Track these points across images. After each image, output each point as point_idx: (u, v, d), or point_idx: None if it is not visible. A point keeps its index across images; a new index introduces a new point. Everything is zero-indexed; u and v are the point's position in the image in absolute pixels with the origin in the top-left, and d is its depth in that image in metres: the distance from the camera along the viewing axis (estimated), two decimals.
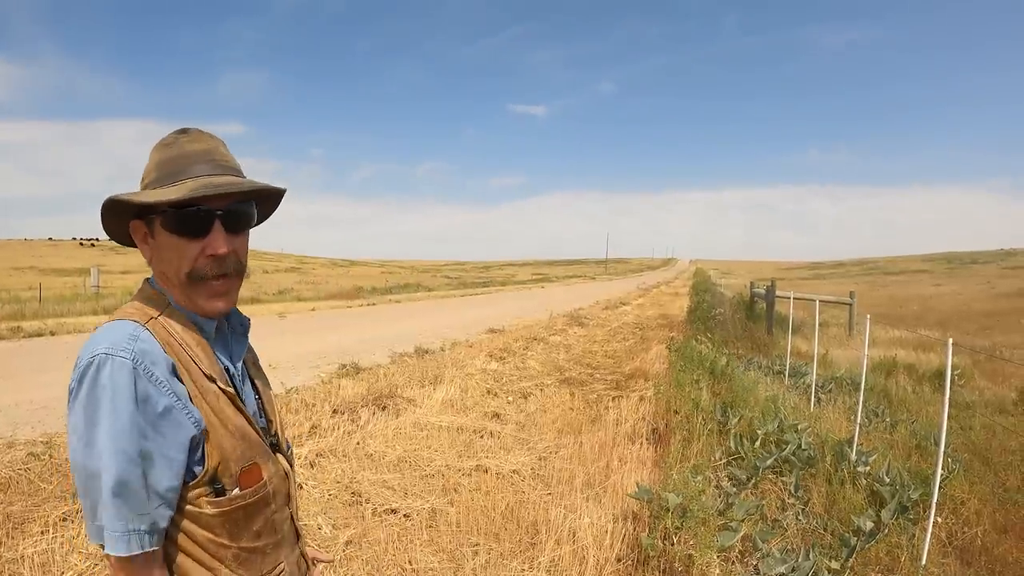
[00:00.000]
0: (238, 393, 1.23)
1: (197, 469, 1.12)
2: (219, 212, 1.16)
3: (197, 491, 1.12)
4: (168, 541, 1.13)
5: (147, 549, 1.07)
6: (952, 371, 4.31)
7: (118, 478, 1.03)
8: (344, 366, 9.72)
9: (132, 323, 1.10)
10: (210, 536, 1.14)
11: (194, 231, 1.15)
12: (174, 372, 1.10)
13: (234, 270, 1.21)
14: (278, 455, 1.31)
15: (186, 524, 1.13)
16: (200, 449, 1.12)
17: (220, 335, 1.26)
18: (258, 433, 1.23)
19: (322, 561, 1.60)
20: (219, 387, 1.17)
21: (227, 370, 1.24)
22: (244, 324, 1.34)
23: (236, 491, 1.16)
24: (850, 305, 19.71)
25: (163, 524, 1.10)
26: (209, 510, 1.13)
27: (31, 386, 7.79)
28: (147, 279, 1.25)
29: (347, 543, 3.93)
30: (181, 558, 1.14)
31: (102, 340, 1.07)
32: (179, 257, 1.16)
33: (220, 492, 1.14)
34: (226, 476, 1.15)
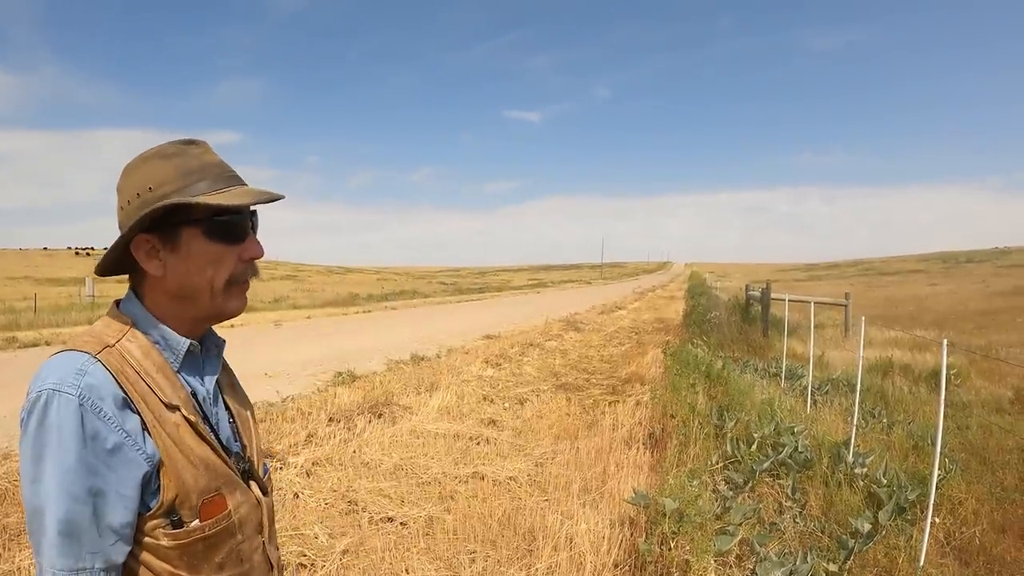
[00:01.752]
0: (207, 419, 1.19)
1: (152, 502, 1.07)
2: (252, 219, 1.20)
3: (153, 523, 1.08)
4: (127, 572, 1.09)
5: None
6: (948, 371, 4.31)
7: (65, 517, 1.00)
8: (340, 374, 9.70)
9: (82, 355, 1.06)
10: (168, 568, 1.10)
11: (237, 237, 1.16)
12: (126, 405, 1.05)
13: None
14: (251, 482, 1.26)
15: (144, 555, 1.09)
16: (155, 482, 1.08)
17: (191, 357, 1.20)
18: (225, 462, 1.18)
19: None
20: (182, 415, 1.12)
21: (195, 394, 1.19)
22: (219, 345, 1.29)
23: (195, 523, 1.11)
24: (845, 306, 19.75)
25: (119, 560, 1.06)
26: (166, 542, 1.09)
27: None
28: (116, 301, 1.21)
29: (344, 552, 3.92)
30: None
31: (50, 374, 1.04)
32: (215, 264, 1.14)
33: (178, 524, 1.09)
34: (185, 508, 1.10)
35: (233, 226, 1.15)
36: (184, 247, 1.13)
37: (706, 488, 4.74)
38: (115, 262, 1.17)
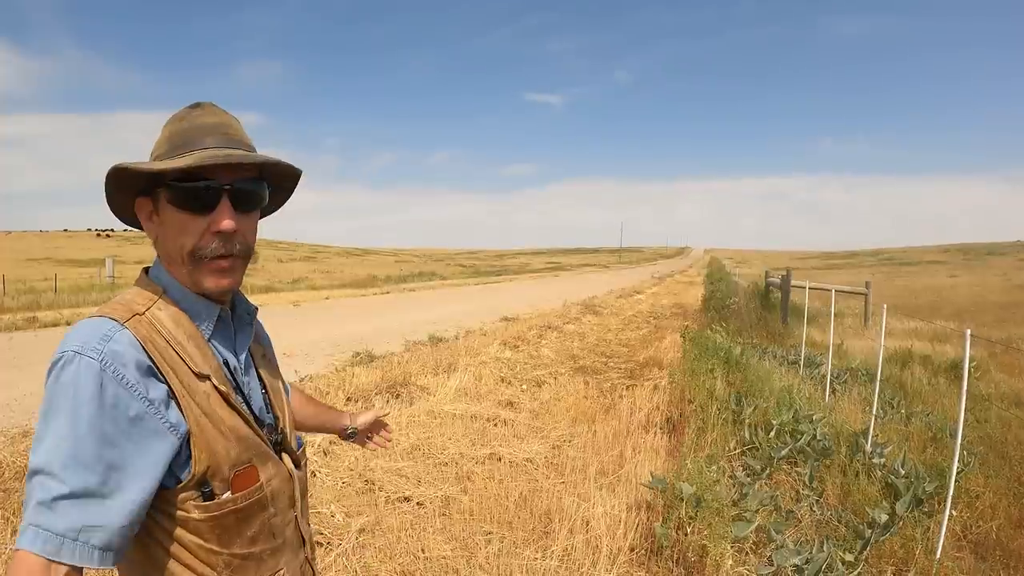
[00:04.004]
0: (239, 389, 1.16)
1: (183, 473, 1.04)
2: (227, 187, 1.09)
3: (184, 495, 1.05)
4: (157, 545, 1.07)
5: (88, 565, 0.95)
6: (968, 363, 4.27)
7: (68, 481, 0.93)
8: (358, 354, 9.75)
9: (109, 321, 1.03)
10: (199, 541, 1.07)
11: (200, 206, 1.08)
12: (151, 373, 1.02)
13: (240, 251, 1.13)
14: (283, 455, 1.23)
15: (175, 530, 1.06)
16: (184, 453, 1.04)
17: (222, 325, 1.17)
18: (256, 433, 1.15)
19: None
20: (212, 384, 1.09)
21: (226, 364, 1.15)
22: (251, 312, 1.25)
23: (227, 495, 1.08)
24: (865, 295, 19.57)
25: (119, 543, 0.98)
26: (197, 515, 1.06)
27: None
28: (145, 268, 1.18)
29: (360, 531, 3.95)
30: (171, 563, 1.07)
31: (75, 337, 1.00)
32: (182, 234, 1.08)
33: (209, 496, 1.06)
34: (216, 479, 1.07)
35: (194, 193, 1.08)
36: (162, 212, 1.11)
37: (723, 474, 4.74)
38: (130, 218, 1.19)
